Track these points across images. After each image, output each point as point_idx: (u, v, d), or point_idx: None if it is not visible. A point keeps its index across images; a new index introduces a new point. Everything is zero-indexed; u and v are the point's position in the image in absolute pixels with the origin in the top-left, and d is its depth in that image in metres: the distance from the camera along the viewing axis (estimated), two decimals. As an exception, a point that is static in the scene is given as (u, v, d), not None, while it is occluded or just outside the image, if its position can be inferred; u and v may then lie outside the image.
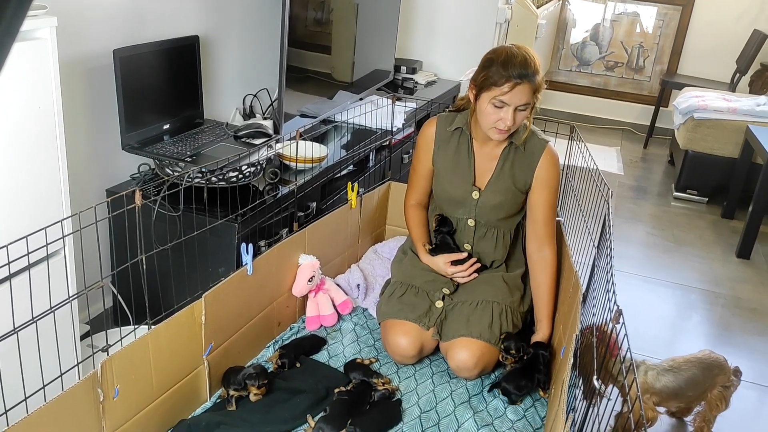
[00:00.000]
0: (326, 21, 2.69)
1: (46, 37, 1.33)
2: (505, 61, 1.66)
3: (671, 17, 4.92)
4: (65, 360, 1.40)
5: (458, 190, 1.88)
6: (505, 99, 1.67)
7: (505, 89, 1.65)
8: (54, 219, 1.36)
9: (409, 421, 1.60)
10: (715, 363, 1.78)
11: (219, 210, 1.91)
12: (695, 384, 1.74)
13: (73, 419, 1.23)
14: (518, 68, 1.64)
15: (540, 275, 1.86)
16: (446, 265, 1.88)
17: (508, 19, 3.60)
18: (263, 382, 1.58)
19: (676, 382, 1.72)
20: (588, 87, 5.26)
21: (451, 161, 1.89)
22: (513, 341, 1.75)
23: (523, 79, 1.65)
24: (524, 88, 1.66)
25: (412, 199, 2.01)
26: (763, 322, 2.59)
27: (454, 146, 1.89)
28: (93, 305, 2.02)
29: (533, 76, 1.66)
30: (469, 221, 1.90)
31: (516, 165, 1.84)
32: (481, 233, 1.91)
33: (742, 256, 3.13)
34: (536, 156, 1.82)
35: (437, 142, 1.90)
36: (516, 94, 1.66)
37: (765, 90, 4.53)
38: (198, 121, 2.23)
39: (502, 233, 1.91)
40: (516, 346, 1.74)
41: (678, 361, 1.76)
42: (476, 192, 1.86)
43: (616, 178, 4.08)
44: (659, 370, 1.73)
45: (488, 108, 1.70)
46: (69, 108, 1.78)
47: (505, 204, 1.86)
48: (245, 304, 1.71)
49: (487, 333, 1.75)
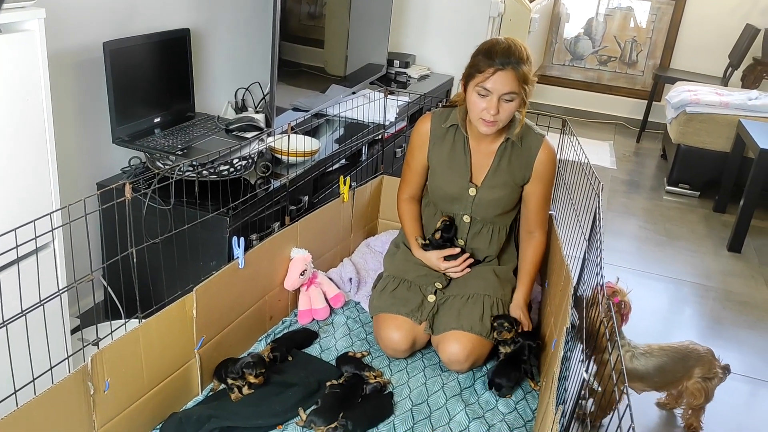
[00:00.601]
0: (319, 15, 2.68)
1: (34, 29, 1.32)
2: (489, 49, 1.68)
3: (664, 11, 4.93)
4: (55, 354, 1.40)
5: (454, 187, 1.88)
6: (488, 86, 1.67)
7: (487, 75, 1.66)
8: (43, 212, 1.35)
9: (400, 414, 1.60)
10: (692, 354, 1.80)
11: (210, 203, 1.90)
12: (663, 371, 1.79)
13: (63, 412, 1.22)
14: (501, 55, 1.65)
15: (526, 250, 1.91)
16: (439, 260, 1.88)
17: (501, 13, 3.60)
18: (260, 371, 1.58)
19: (645, 366, 1.77)
20: (581, 81, 5.26)
21: (447, 158, 1.88)
22: (505, 319, 1.78)
23: (505, 66, 1.64)
24: (507, 75, 1.65)
25: (405, 194, 2.01)
26: (754, 315, 2.60)
27: (449, 143, 1.88)
28: (84, 299, 2.01)
29: (517, 64, 1.65)
30: (464, 217, 1.90)
31: (513, 160, 1.84)
32: (476, 229, 1.91)
33: (734, 249, 3.14)
34: (534, 151, 1.82)
35: (432, 139, 1.90)
36: (498, 80, 1.65)
37: (757, 84, 4.55)
38: (189, 114, 2.22)
39: (497, 229, 1.91)
40: (510, 320, 1.78)
41: (654, 348, 1.80)
42: (473, 189, 1.86)
43: (609, 172, 4.10)
44: (635, 353, 1.78)
45: (474, 97, 1.71)
46: (59, 101, 1.77)
47: (503, 200, 1.86)
48: (237, 298, 1.70)
49: (478, 326, 1.76)
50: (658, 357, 1.78)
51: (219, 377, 1.62)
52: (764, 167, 3.06)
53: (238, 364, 1.59)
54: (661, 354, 1.79)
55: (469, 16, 3.57)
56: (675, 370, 1.79)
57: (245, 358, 1.60)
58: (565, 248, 1.88)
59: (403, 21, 3.71)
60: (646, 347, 1.79)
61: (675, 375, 1.81)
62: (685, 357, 1.80)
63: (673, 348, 1.81)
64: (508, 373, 1.71)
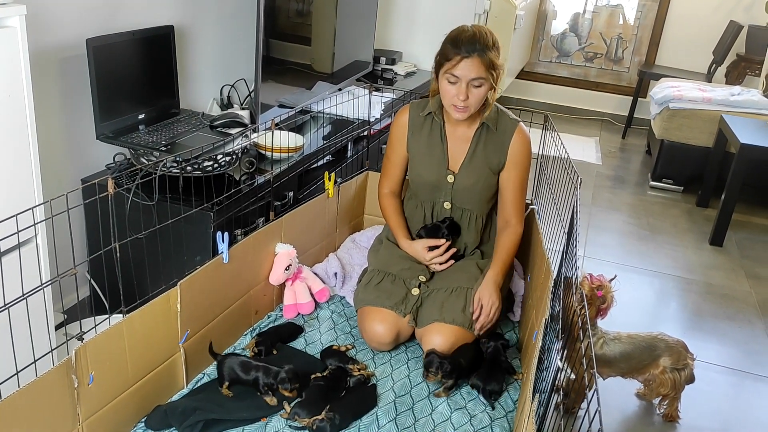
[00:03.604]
0: (306, 12, 2.69)
1: (15, 26, 1.33)
2: (455, 37, 1.73)
3: (649, 8, 4.97)
4: (39, 349, 1.40)
5: (433, 175, 1.91)
6: (456, 72, 1.71)
7: (454, 62, 1.70)
8: (26, 207, 1.36)
9: (384, 406, 1.62)
10: (660, 344, 1.85)
11: (194, 199, 1.91)
12: (629, 358, 1.83)
13: (47, 405, 1.23)
14: (466, 43, 1.70)
15: (502, 236, 1.92)
16: (424, 250, 1.90)
17: (486, 10, 3.63)
18: (295, 386, 1.55)
19: (611, 352, 1.82)
20: (567, 78, 5.30)
21: (425, 146, 1.91)
22: (435, 357, 1.66)
23: (471, 53, 1.69)
24: (473, 62, 1.69)
25: (386, 188, 2.03)
26: (734, 307, 2.65)
27: (427, 131, 1.91)
28: (69, 295, 2.02)
29: (483, 50, 1.69)
30: (445, 204, 1.93)
31: (489, 145, 1.87)
32: (457, 216, 1.94)
33: (715, 243, 3.19)
34: (508, 135, 1.86)
35: (411, 128, 1.93)
36: (465, 67, 1.70)
37: (741, 80, 4.60)
38: (174, 110, 2.23)
39: (475, 216, 1.94)
40: (437, 364, 1.65)
41: (622, 335, 1.85)
42: (451, 176, 1.89)
43: (595, 168, 4.13)
44: (606, 339, 1.82)
45: (444, 84, 1.75)
46: (42, 97, 1.78)
47: (479, 185, 1.89)
48: (221, 292, 1.72)
49: (460, 317, 1.78)
50: (625, 344, 1.83)
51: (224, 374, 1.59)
52: (745, 162, 3.10)
53: (271, 376, 1.56)
54: (628, 341, 1.84)
55: (454, 12, 3.59)
56: (641, 357, 1.83)
57: (280, 373, 1.56)
58: (546, 242, 1.91)
59: (389, 18, 3.72)
60: (615, 334, 1.83)
61: (641, 362, 1.85)
62: (651, 346, 1.84)
63: (641, 337, 1.86)
64: (495, 376, 1.69)
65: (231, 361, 1.60)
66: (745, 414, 2.04)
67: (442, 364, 1.65)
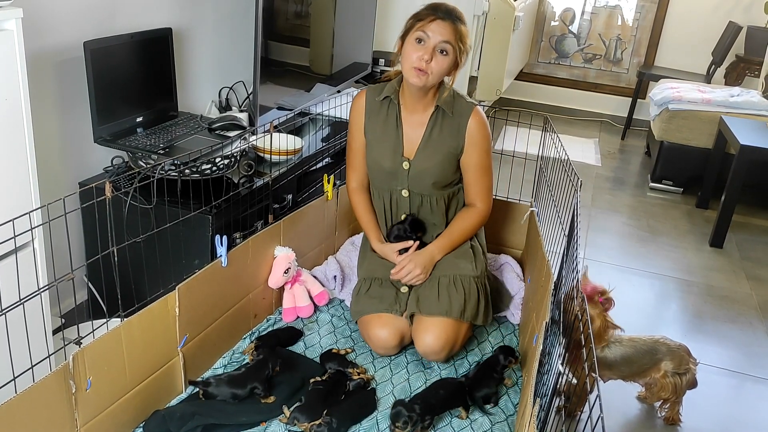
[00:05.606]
0: (305, 14, 2.69)
1: (12, 29, 1.32)
2: (432, 4, 1.75)
3: (648, 9, 4.97)
4: (37, 354, 1.39)
5: (388, 162, 1.87)
6: (427, 30, 1.70)
7: (427, 20, 1.71)
8: (23, 212, 1.35)
9: (383, 410, 1.61)
10: (661, 347, 1.84)
11: (193, 202, 1.90)
12: (630, 361, 1.82)
13: (44, 410, 1.23)
14: (443, 9, 1.73)
15: (461, 213, 1.91)
16: (395, 254, 1.89)
17: (485, 12, 3.62)
18: (315, 423, 1.51)
19: (612, 355, 1.80)
20: (566, 79, 5.30)
21: (381, 131, 1.88)
22: (402, 409, 1.51)
23: (445, 18, 1.71)
24: (447, 25, 1.70)
25: (354, 182, 1.98)
26: (734, 309, 2.64)
27: (383, 116, 1.88)
28: (67, 300, 2.01)
29: (456, 20, 1.72)
30: (403, 192, 1.90)
31: (445, 129, 1.84)
32: (417, 202, 1.91)
33: (715, 245, 3.18)
34: (464, 118, 1.83)
35: (367, 113, 1.90)
36: (437, 27, 1.70)
37: (740, 81, 4.60)
38: (172, 113, 2.22)
39: (435, 200, 1.90)
40: (405, 418, 1.49)
41: (623, 338, 1.83)
42: (406, 162, 1.86)
43: (594, 169, 4.13)
44: (608, 342, 1.80)
45: (409, 47, 1.73)
46: (39, 100, 1.77)
47: (435, 170, 1.85)
48: (220, 296, 1.71)
49: (447, 306, 1.78)
50: (626, 347, 1.81)
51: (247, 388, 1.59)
52: (745, 163, 3.10)
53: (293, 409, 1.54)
54: (629, 345, 1.82)
55: (453, 14, 3.58)
56: (641, 361, 1.82)
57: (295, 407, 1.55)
58: (546, 244, 1.90)
59: (388, 19, 3.72)
60: (616, 337, 1.82)
61: (641, 366, 1.83)
62: (652, 350, 1.83)
63: (642, 340, 1.84)
64: (488, 383, 1.69)
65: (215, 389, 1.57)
66: (747, 416, 2.04)
67: (411, 417, 1.49)
